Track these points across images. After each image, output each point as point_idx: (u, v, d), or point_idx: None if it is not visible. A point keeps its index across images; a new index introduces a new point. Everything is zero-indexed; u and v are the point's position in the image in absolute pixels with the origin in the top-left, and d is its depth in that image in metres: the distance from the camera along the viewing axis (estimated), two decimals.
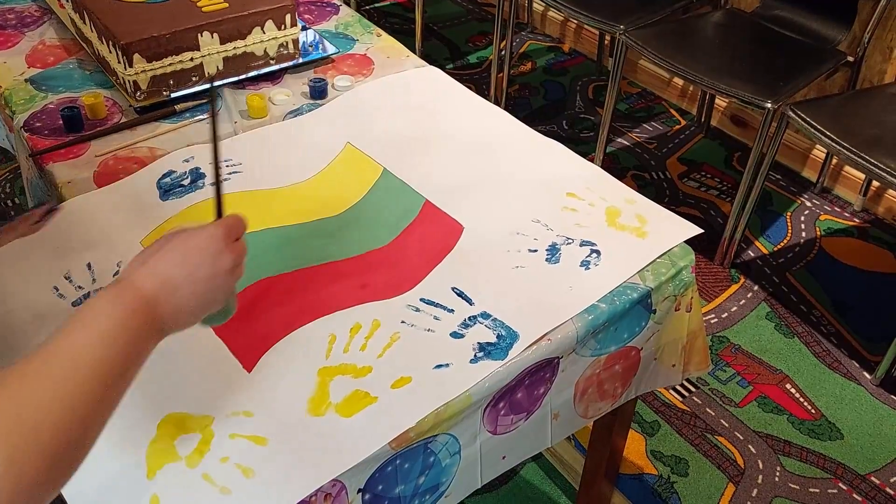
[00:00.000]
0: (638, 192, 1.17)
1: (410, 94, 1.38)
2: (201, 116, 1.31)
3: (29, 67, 1.41)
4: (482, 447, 0.95)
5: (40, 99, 1.33)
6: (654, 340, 1.10)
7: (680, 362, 1.16)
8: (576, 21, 2.85)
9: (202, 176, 1.17)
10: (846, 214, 2.28)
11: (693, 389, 1.77)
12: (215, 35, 1.36)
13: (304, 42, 1.48)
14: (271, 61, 1.42)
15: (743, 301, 1.99)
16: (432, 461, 0.90)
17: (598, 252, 1.06)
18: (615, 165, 2.45)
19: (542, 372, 0.97)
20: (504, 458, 1.00)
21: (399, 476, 0.87)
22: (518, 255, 1.06)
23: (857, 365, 1.83)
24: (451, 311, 0.98)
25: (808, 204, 2.31)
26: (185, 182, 1.16)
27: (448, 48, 3.02)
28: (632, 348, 1.07)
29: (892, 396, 1.76)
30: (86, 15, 1.39)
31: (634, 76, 2.87)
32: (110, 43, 1.32)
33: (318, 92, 1.36)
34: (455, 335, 0.94)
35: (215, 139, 0.83)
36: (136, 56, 1.30)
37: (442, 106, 1.36)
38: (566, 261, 1.05)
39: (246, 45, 1.41)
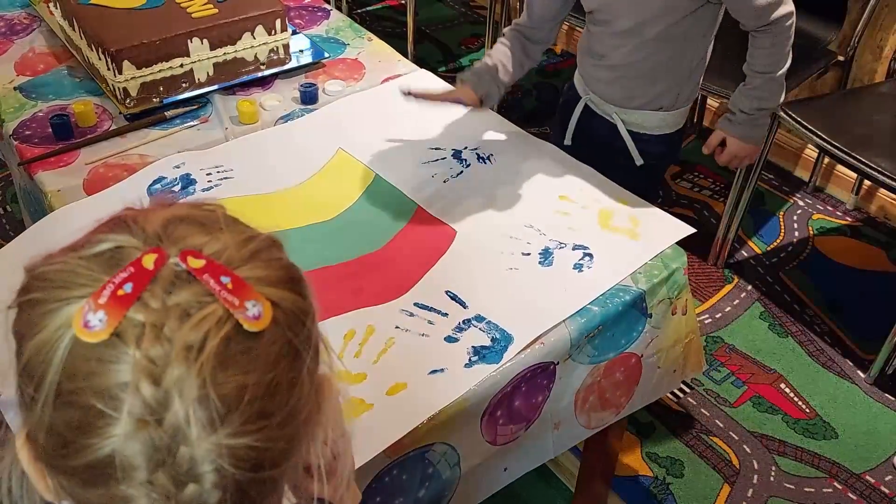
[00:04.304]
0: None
1: (401, 99, 1.38)
2: (192, 123, 1.30)
3: (18, 75, 1.40)
4: (483, 459, 0.95)
5: (30, 107, 1.32)
6: (653, 346, 1.09)
7: (679, 366, 1.16)
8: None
9: (193, 182, 1.17)
10: (839, 213, 2.28)
11: (687, 390, 1.76)
12: (205, 41, 1.36)
13: (294, 47, 1.48)
14: (262, 66, 1.42)
15: (736, 301, 1.99)
16: (431, 472, 0.89)
17: (590, 255, 1.06)
18: None
19: (538, 379, 0.97)
20: (506, 469, 1.00)
21: (397, 488, 0.86)
22: (511, 257, 1.06)
23: (851, 364, 1.84)
24: (446, 314, 0.97)
25: (801, 203, 2.32)
26: (176, 188, 1.15)
27: (441, 51, 3.02)
28: (631, 355, 1.07)
29: (887, 395, 1.77)
30: (75, 22, 1.38)
31: None
32: (100, 50, 1.31)
33: (309, 97, 1.36)
34: (449, 339, 0.94)
35: None
36: (126, 63, 1.29)
37: (433, 110, 1.35)
38: (559, 264, 1.05)
39: (236, 51, 1.40)
